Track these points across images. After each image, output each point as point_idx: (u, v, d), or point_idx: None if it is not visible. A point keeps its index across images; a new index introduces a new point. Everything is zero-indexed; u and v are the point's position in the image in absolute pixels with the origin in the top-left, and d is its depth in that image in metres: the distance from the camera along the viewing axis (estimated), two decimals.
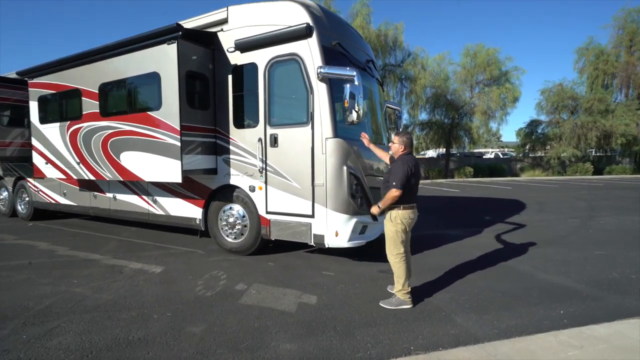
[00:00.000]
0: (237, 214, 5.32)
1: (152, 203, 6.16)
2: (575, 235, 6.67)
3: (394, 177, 3.37)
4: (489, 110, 21.66)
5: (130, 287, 4.07)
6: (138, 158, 5.44)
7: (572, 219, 8.19)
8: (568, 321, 3.16)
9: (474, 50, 22.23)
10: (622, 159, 27.29)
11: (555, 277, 4.34)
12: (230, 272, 4.64)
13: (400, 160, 3.47)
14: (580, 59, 28.21)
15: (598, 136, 23.37)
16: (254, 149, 5.05)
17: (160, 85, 5.06)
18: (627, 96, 27.04)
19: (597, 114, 23.90)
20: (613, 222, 7.83)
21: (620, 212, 9.04)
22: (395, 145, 3.60)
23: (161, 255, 5.41)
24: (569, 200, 11.69)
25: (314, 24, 4.53)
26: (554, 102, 24.98)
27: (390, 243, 3.53)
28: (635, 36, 26.29)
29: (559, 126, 24.89)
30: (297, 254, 5.45)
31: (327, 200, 4.54)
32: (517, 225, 7.60)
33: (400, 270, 3.49)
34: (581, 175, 23.97)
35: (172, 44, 4.83)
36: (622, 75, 26.53)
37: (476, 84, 22.77)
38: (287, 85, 4.89)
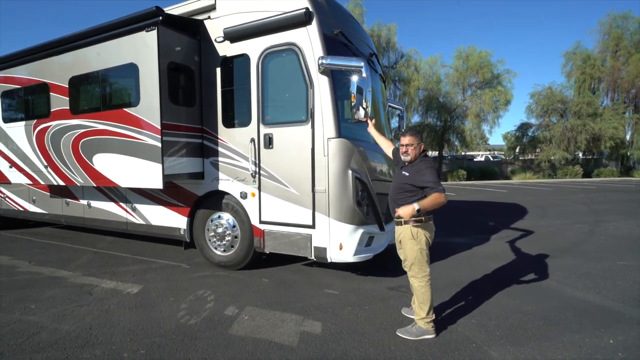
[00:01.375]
0: (227, 224, 4.72)
1: (131, 211, 5.50)
2: (588, 243, 6.28)
3: (434, 182, 2.85)
4: (481, 112, 21.54)
5: (99, 314, 3.43)
6: (113, 161, 4.79)
7: (579, 225, 7.85)
8: (623, 354, 2.69)
9: (466, 53, 22.12)
10: (608, 162, 27.63)
11: (586, 294, 3.88)
12: (219, 291, 4.04)
13: (427, 165, 2.98)
14: (567, 63, 28.54)
15: (587, 139, 23.53)
16: (245, 150, 4.48)
17: (138, 78, 4.44)
18: (613, 100, 27.43)
19: (586, 117, 24.08)
20: (622, 227, 7.50)
21: (625, 217, 8.75)
22: (414, 147, 3.03)
23: (140, 271, 4.76)
24: (568, 204, 11.43)
25: (314, 9, 4.00)
26: (543, 105, 25.09)
27: (415, 265, 3.00)
28: (620, 41, 26.71)
29: (549, 129, 24.99)
30: (294, 268, 4.88)
31: (330, 208, 3.99)
32: (524, 231, 7.20)
33: (425, 295, 2.96)
34: (571, 177, 24.06)
35: (151, 31, 4.22)
36: (609, 79, 26.91)
37: (468, 87, 22.65)
38: (283, 79, 4.34)
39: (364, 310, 3.53)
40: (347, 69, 3.79)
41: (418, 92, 21.43)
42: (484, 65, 21.54)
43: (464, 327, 3.14)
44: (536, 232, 7.10)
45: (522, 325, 3.17)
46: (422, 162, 3.00)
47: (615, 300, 3.73)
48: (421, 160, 3.03)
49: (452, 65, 22.71)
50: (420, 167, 2.96)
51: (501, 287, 4.09)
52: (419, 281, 3.00)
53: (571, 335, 2.97)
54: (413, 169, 2.99)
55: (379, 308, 3.58)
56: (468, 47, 22.31)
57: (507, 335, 2.99)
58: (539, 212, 9.75)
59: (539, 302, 3.66)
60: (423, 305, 2.97)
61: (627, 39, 26.28)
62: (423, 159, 3.04)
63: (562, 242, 6.32)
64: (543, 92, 25.39)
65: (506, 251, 5.72)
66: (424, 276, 2.99)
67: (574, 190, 16.03)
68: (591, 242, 6.34)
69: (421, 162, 3.01)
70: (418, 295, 3.01)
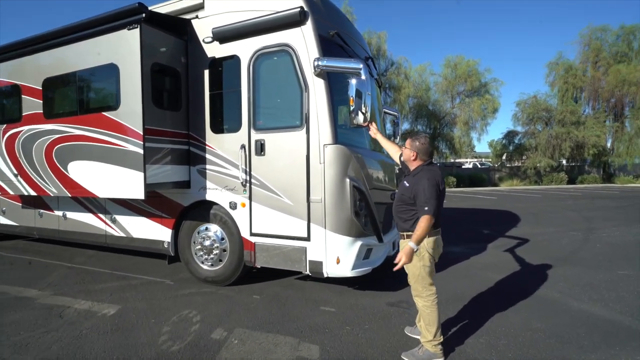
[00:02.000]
0: (215, 236, 4.40)
1: (111, 223, 5.12)
2: (584, 251, 6.19)
3: (423, 198, 2.59)
4: (470, 120, 21.77)
5: (69, 341, 3.06)
6: (91, 169, 4.43)
7: (572, 232, 7.79)
8: None
9: (454, 62, 22.41)
10: (591, 169, 28.27)
11: (593, 307, 3.72)
12: (206, 311, 3.71)
13: (425, 175, 2.68)
14: (550, 73, 29.23)
15: (571, 147, 24.01)
16: (235, 157, 4.20)
17: (118, 79, 4.13)
18: (594, 108, 28.18)
19: (569, 125, 24.62)
20: (615, 235, 7.48)
21: (616, 224, 8.77)
22: (406, 151, 2.85)
23: (118, 289, 4.38)
24: (559, 210, 11.46)
25: (309, 9, 3.79)
26: (529, 113, 25.56)
27: (418, 283, 2.77)
28: (599, 53, 27.54)
29: (535, 137, 25.43)
30: (287, 282, 4.58)
31: (326, 219, 3.73)
32: (520, 239, 7.08)
33: (432, 316, 2.72)
34: (557, 184, 24.46)
35: (133, 30, 3.93)
36: (590, 89, 27.65)
37: (457, 95, 22.91)
38: (276, 82, 4.10)
39: (364, 330, 3.26)
40: (344, 71, 3.58)
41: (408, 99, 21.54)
42: (472, 74, 21.84)
43: (472, 348, 2.90)
44: (532, 240, 6.99)
45: (534, 344, 2.96)
46: (422, 173, 2.73)
47: (624, 313, 3.57)
48: (422, 169, 2.76)
49: (441, 74, 23.00)
50: (418, 179, 2.70)
51: (505, 301, 3.89)
52: (424, 301, 2.76)
53: (587, 356, 2.78)
54: (413, 180, 2.74)
55: (380, 327, 3.32)
56: (456, 56, 22.65)
57: (519, 357, 2.78)
58: (531, 219, 9.71)
59: (547, 318, 3.47)
60: (430, 327, 2.72)
61: (605, 51, 27.14)
62: (425, 168, 2.76)
63: (558, 250, 6.21)
64: (528, 101, 25.91)
65: (505, 261, 5.56)
66: (428, 295, 2.75)
67: (561, 197, 16.20)
68: (587, 250, 6.25)
69: (421, 172, 2.73)
70: (424, 316, 2.77)
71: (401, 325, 3.34)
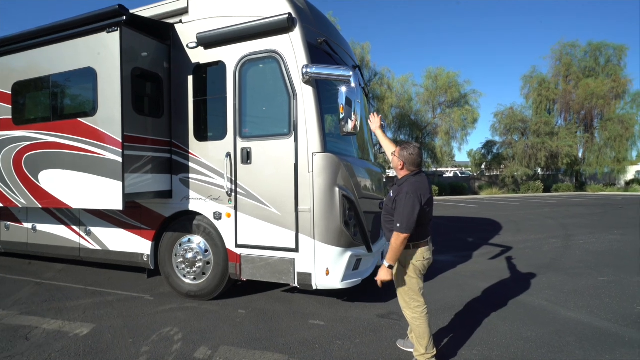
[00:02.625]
0: (198, 248, 4.22)
1: (85, 235, 4.84)
2: (565, 258, 6.32)
3: (398, 214, 2.51)
4: (451, 130, 22.29)
5: None
6: (64, 178, 4.18)
7: (552, 239, 7.97)
8: None
9: (435, 73, 23.00)
10: (565, 178, 29.42)
11: (580, 315, 3.75)
12: (188, 327, 3.51)
13: (406, 188, 2.57)
14: (525, 86, 30.40)
15: (546, 156, 24.92)
16: (220, 166, 4.05)
17: (96, 84, 3.94)
18: (566, 120, 29.45)
19: (544, 135, 25.59)
20: (592, 241, 7.69)
21: (591, 231, 9.05)
22: (394, 159, 2.76)
23: (92, 306, 4.10)
24: (537, 218, 11.76)
25: (297, 15, 3.75)
26: (506, 124, 26.44)
27: (405, 294, 2.71)
28: (570, 67, 28.92)
29: (512, 147, 26.27)
30: (274, 295, 4.42)
31: (315, 229, 3.63)
32: (503, 247, 7.18)
33: (421, 328, 2.64)
34: (533, 192, 25.26)
35: (113, 33, 3.77)
36: (562, 101, 28.92)
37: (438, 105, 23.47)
38: (263, 89, 4.01)
39: (356, 344, 3.15)
40: (334, 78, 3.54)
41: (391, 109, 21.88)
42: (452, 85, 22.45)
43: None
44: (515, 248, 7.09)
45: (526, 355, 2.93)
46: (405, 184, 2.62)
47: (609, 320, 3.61)
48: (407, 180, 2.66)
49: (422, 85, 23.52)
50: (400, 190, 2.61)
51: (495, 310, 3.88)
52: (412, 312, 2.69)
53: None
54: (397, 190, 2.66)
55: (372, 341, 3.22)
56: (437, 68, 23.26)
57: None
58: (513, 227, 9.90)
59: (536, 326, 3.46)
60: (421, 339, 2.65)
61: (575, 65, 28.52)
62: (410, 180, 2.64)
63: (541, 257, 6.31)
64: (505, 112, 26.82)
65: (491, 269, 5.59)
66: (416, 307, 2.68)
67: (539, 204, 16.69)
68: (568, 257, 6.39)
69: (405, 184, 2.63)
70: (414, 329, 2.70)
71: (393, 338, 3.25)
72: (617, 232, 8.71)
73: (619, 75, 26.74)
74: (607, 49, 27.67)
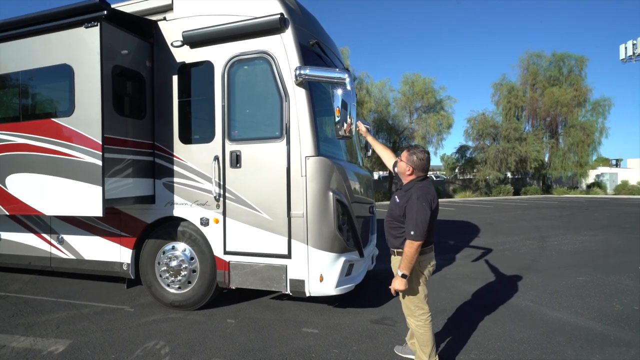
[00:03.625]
0: (183, 256, 4.02)
1: (57, 244, 4.50)
2: (543, 259, 6.56)
3: (411, 222, 2.43)
4: (427, 135, 22.84)
5: None
6: (35, 183, 3.87)
7: (528, 241, 8.27)
8: None
9: (411, 79, 23.52)
10: (532, 181, 30.85)
11: (565, 315, 3.86)
12: (175, 340, 3.32)
13: (416, 194, 2.49)
14: (496, 93, 31.66)
15: (516, 161, 26.04)
16: (207, 170, 3.89)
17: (72, 82, 3.68)
18: (534, 126, 30.95)
19: (514, 141, 26.74)
20: (565, 242, 8.05)
21: (563, 232, 9.48)
22: (402, 164, 2.66)
23: (67, 320, 3.81)
24: (512, 220, 12.21)
25: (289, 16, 3.67)
26: (478, 129, 27.42)
27: (410, 302, 2.64)
28: (536, 76, 30.44)
29: (484, 151, 27.27)
30: (263, 303, 4.28)
31: (309, 235, 3.55)
32: (484, 249, 7.36)
33: (425, 336, 2.60)
34: (504, 195, 26.29)
35: (92, 28, 3.54)
36: (529, 108, 30.37)
37: (415, 111, 23.98)
38: (253, 91, 3.90)
39: (353, 352, 3.09)
40: (329, 81, 3.49)
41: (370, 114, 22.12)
42: (428, 91, 23.04)
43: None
44: (495, 250, 7.29)
45: (522, 357, 2.98)
46: (413, 190, 2.54)
47: (593, 319, 3.75)
48: (414, 185, 2.58)
49: (399, 90, 23.99)
50: (409, 197, 2.52)
51: (485, 312, 3.93)
52: (416, 320, 2.63)
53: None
54: (405, 196, 2.57)
55: (369, 348, 3.16)
56: (413, 74, 23.80)
57: None
58: (490, 229, 10.21)
59: (527, 328, 3.53)
60: (424, 347, 2.61)
61: (541, 74, 30.07)
62: (417, 185, 2.57)
63: (520, 259, 6.52)
64: (478, 118, 27.82)
65: (475, 271, 5.70)
66: (421, 314, 2.62)
67: (511, 207, 17.36)
68: (545, 258, 6.63)
69: (413, 189, 2.55)
70: (417, 336, 2.65)
71: (389, 344, 3.21)
72: (587, 233, 9.17)
73: (580, 84, 28.43)
74: (570, 59, 29.38)
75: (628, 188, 26.82)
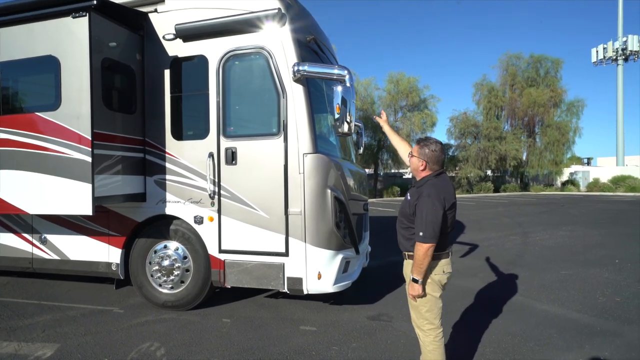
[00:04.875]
0: (176, 255, 3.92)
1: (40, 244, 4.31)
2: (527, 254, 6.77)
3: (421, 223, 2.18)
4: (412, 133, 23.17)
5: None
6: (17, 180, 3.67)
7: (512, 237, 8.53)
8: None
9: (396, 78, 23.80)
10: (511, 179, 31.85)
11: (553, 308, 4.00)
12: (170, 341, 3.24)
13: (427, 191, 2.24)
14: (477, 93, 32.41)
15: (496, 159, 26.82)
16: (201, 167, 3.80)
17: (59, 75, 3.51)
18: (512, 125, 31.89)
19: (494, 139, 27.52)
20: (546, 238, 8.34)
21: (543, 227, 9.83)
22: (414, 160, 2.39)
23: (53, 323, 3.65)
24: (495, 217, 12.56)
25: (286, 11, 3.63)
26: (460, 128, 28.06)
27: (416, 314, 2.34)
28: (515, 77, 31.32)
29: (466, 150, 27.92)
30: (257, 301, 4.24)
31: (307, 232, 3.53)
32: (471, 245, 7.53)
33: (434, 355, 2.29)
34: (485, 193, 27.03)
35: (80, 18, 3.39)
36: (509, 108, 31.26)
37: (399, 109, 24.29)
38: (250, 87, 3.84)
39: (353, 349, 3.10)
40: (328, 78, 3.48)
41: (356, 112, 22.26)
42: (413, 90, 23.38)
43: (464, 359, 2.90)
44: (481, 246, 7.48)
45: (517, 349, 3.06)
46: (425, 186, 2.29)
47: (579, 311, 3.90)
48: (428, 181, 2.32)
49: (384, 89, 24.22)
50: (421, 193, 2.28)
51: (478, 307, 4.03)
52: (425, 335, 2.31)
53: (565, 356, 2.94)
54: (416, 193, 2.33)
55: (368, 345, 3.18)
56: (398, 73, 24.11)
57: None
58: (475, 225, 10.46)
59: (519, 321, 3.64)
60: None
61: (520, 75, 30.98)
62: (431, 181, 2.31)
63: (506, 254, 6.71)
64: (460, 117, 28.47)
65: (465, 267, 5.82)
66: (430, 329, 2.29)
67: (492, 204, 17.86)
68: (530, 253, 6.86)
69: (425, 186, 2.30)
70: (424, 353, 2.33)
71: (388, 340, 3.24)
72: (566, 229, 9.54)
73: (556, 85, 29.49)
74: (546, 61, 30.39)
75: (599, 186, 28.05)
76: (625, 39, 34.60)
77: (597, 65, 38.12)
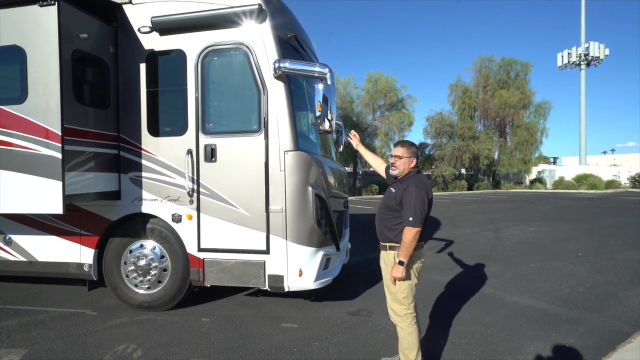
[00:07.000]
0: (152, 254, 3.82)
1: (4, 245, 4.07)
2: (499, 249, 7.07)
3: (410, 209, 2.42)
4: (390, 132, 23.58)
5: None
6: None
7: (485, 232, 8.87)
8: (587, 355, 2.87)
9: (375, 77, 24.11)
10: (483, 177, 33.05)
11: (523, 299, 4.21)
12: (147, 342, 3.16)
13: (414, 183, 2.51)
14: (452, 93, 33.36)
15: (470, 158, 27.74)
16: (179, 164, 3.72)
17: (25, 66, 3.32)
18: (485, 126, 33.07)
19: (468, 139, 28.44)
20: (516, 233, 8.73)
21: (513, 223, 10.27)
22: (405, 160, 2.60)
23: (19, 327, 3.47)
24: (469, 213, 12.99)
25: (267, 7, 3.60)
26: (436, 128, 28.81)
27: (395, 301, 2.55)
28: (487, 79, 32.47)
29: (441, 149, 28.70)
30: (237, 300, 4.20)
31: (288, 230, 3.53)
32: (446, 241, 7.77)
33: (411, 338, 2.49)
34: (459, 190, 27.91)
35: (48, 7, 3.21)
36: (481, 109, 32.38)
37: (378, 108, 24.64)
38: (229, 83, 3.79)
39: (334, 344, 3.13)
40: (309, 75, 3.47)
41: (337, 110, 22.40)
42: (391, 90, 23.77)
43: (440, 349, 3.00)
44: (456, 242, 7.73)
45: (490, 339, 3.20)
46: (411, 179, 2.56)
47: (546, 302, 4.12)
48: (411, 176, 2.59)
49: (363, 88, 24.47)
50: (407, 185, 2.52)
51: (454, 300, 4.17)
52: (402, 320, 2.51)
53: (535, 344, 3.10)
54: (402, 186, 2.56)
55: (348, 339, 3.23)
56: (376, 72, 24.44)
57: (482, 353, 2.96)
58: (449, 222, 10.78)
59: (492, 312, 3.80)
60: (409, 350, 2.49)
61: (492, 77, 32.14)
62: (414, 176, 2.60)
63: (479, 249, 6.97)
64: (435, 117, 29.22)
65: (441, 262, 6.01)
66: (406, 314, 2.50)
67: (466, 201, 18.46)
68: (501, 248, 7.15)
69: (410, 179, 2.57)
70: (402, 338, 2.53)
71: (368, 334, 3.31)
72: (534, 225, 10.01)
73: (525, 88, 30.82)
74: (516, 64, 31.71)
75: (564, 183, 29.61)
76: (588, 45, 36.59)
77: (563, 69, 40.12)
